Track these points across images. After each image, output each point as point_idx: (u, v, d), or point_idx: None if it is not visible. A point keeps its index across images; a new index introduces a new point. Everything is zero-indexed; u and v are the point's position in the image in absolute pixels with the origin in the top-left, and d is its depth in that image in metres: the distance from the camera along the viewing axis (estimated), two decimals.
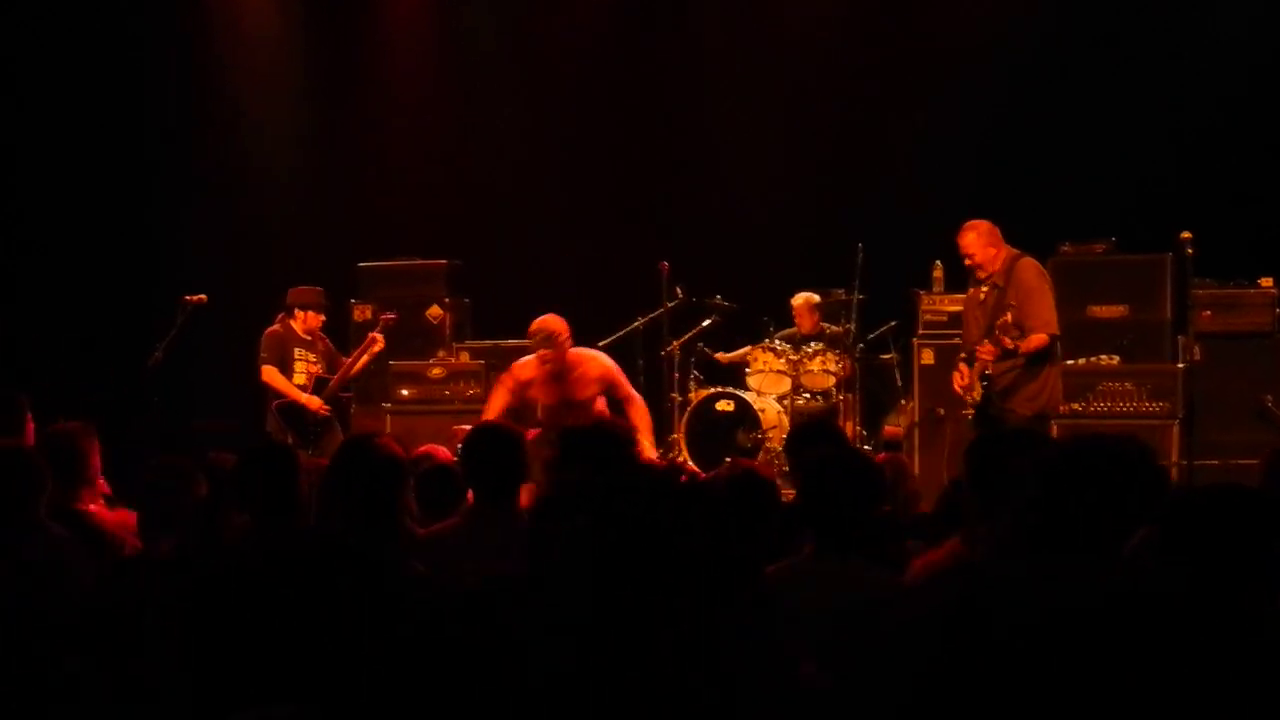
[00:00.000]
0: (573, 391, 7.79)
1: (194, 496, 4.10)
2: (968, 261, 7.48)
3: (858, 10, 10.76)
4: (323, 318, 9.11)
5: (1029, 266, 7.38)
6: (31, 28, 10.97)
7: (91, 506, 4.78)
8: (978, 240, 7.43)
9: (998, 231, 7.44)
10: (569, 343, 7.80)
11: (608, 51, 11.11)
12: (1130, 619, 2.58)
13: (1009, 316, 7.15)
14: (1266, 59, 9.51)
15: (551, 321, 7.76)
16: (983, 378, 7.31)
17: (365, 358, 9.10)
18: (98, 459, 5.02)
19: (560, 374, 7.77)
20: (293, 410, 8.86)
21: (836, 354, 9.68)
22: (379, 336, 9.15)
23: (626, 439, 4.17)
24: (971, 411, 7.48)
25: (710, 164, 10.87)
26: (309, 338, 9.05)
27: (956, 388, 7.52)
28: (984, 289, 7.46)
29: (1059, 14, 10.15)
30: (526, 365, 7.88)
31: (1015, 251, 7.43)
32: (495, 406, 7.86)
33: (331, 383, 8.96)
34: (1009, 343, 7.14)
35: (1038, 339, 7.24)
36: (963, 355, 7.54)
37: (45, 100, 11.03)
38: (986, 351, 7.22)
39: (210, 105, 11.49)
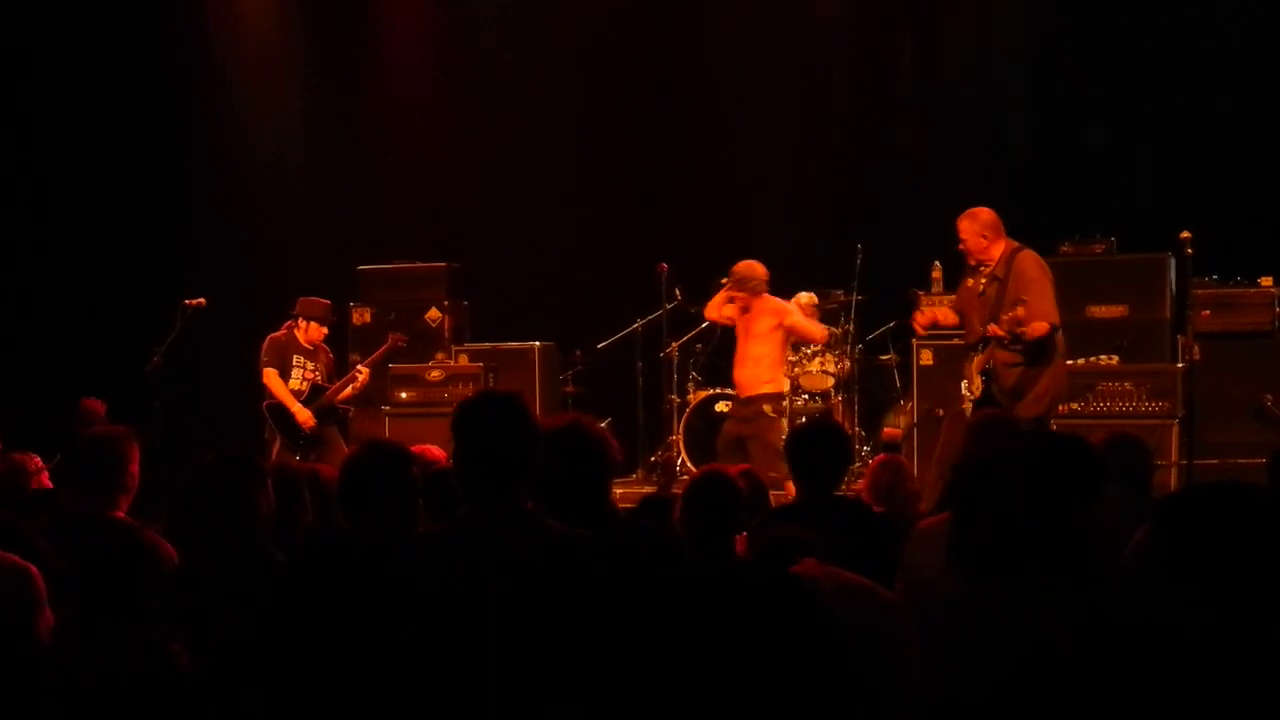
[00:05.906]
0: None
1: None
2: (959, 246, 7.39)
3: (858, 13, 10.76)
4: (325, 331, 9.11)
5: (1029, 258, 7.24)
6: (38, 30, 10.98)
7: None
8: (970, 227, 7.31)
9: (1000, 224, 7.25)
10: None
11: (608, 55, 11.11)
12: (1120, 648, 2.36)
13: (1020, 311, 7.06)
14: (1267, 57, 9.50)
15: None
16: (983, 373, 7.25)
17: (349, 390, 9.05)
18: (136, 466, 4.93)
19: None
20: (281, 412, 8.86)
21: (835, 355, 9.67)
22: (364, 371, 9.08)
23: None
24: (969, 406, 7.38)
25: (709, 166, 10.87)
26: (310, 347, 9.05)
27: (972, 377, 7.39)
28: (983, 281, 7.37)
29: (1058, 13, 10.15)
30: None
31: (1015, 244, 7.31)
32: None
33: (322, 399, 8.95)
34: (1015, 326, 7.06)
35: (1039, 326, 7.13)
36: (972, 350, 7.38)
37: (46, 108, 11.05)
38: (994, 331, 7.09)
39: (211, 108, 11.50)
